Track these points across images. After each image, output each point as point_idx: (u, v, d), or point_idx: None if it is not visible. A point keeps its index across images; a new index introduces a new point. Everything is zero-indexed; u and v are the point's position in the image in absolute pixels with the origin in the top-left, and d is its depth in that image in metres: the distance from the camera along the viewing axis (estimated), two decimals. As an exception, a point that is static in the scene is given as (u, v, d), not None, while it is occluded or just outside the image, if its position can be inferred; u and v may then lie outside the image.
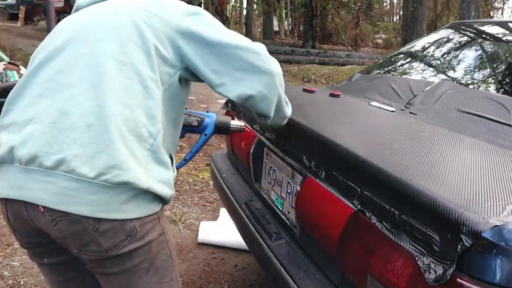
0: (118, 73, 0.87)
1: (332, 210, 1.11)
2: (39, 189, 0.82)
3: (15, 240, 2.45)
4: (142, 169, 0.85)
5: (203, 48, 0.95)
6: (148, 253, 0.91)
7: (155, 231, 0.91)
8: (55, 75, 0.90)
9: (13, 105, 0.92)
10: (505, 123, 1.27)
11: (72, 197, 0.81)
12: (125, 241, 0.86)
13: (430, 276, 0.76)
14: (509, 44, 1.89)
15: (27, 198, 0.84)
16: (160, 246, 0.94)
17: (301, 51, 13.10)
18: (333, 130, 1.26)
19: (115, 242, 0.85)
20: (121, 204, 0.83)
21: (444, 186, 0.85)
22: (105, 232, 0.83)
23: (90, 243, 0.84)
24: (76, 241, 0.85)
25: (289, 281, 1.22)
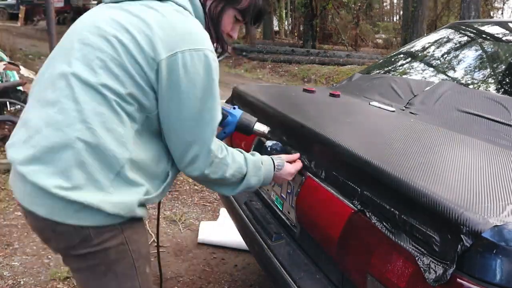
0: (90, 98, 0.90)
1: (332, 210, 1.10)
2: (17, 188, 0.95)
3: (15, 240, 2.46)
4: (99, 193, 0.90)
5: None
6: (105, 258, 0.96)
7: (115, 240, 0.96)
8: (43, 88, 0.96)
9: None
10: (505, 123, 1.27)
11: (34, 197, 0.91)
12: (80, 245, 0.93)
13: (430, 276, 0.76)
14: (509, 44, 1.89)
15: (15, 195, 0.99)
16: (120, 255, 0.98)
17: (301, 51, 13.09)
18: (333, 130, 1.26)
19: (70, 244, 0.93)
20: (76, 212, 0.89)
21: (444, 186, 0.85)
22: (61, 234, 0.92)
23: (51, 240, 0.97)
24: (41, 236, 1.00)
25: (289, 281, 1.22)
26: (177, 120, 0.96)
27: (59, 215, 0.90)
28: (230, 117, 1.29)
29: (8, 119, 3.48)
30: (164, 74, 0.92)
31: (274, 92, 2.00)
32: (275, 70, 11.67)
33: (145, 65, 0.92)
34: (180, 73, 0.92)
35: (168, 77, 0.92)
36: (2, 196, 3.02)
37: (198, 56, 0.93)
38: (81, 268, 0.99)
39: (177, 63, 0.91)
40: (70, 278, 2.14)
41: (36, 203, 0.91)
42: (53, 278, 2.14)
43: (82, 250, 0.94)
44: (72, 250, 0.95)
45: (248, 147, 1.73)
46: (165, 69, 0.92)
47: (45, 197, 0.89)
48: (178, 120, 0.96)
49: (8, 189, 3.15)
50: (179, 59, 0.91)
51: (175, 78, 0.92)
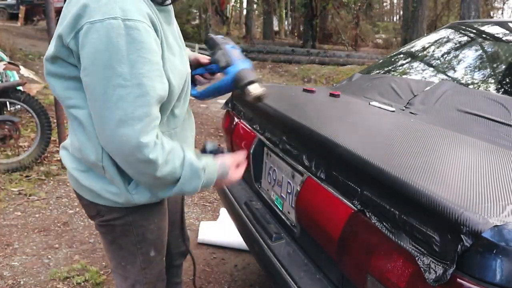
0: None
1: (332, 210, 1.10)
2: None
3: (15, 240, 2.46)
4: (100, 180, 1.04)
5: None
6: (112, 231, 1.14)
7: (121, 220, 1.11)
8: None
9: None
10: (505, 123, 1.27)
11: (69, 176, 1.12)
12: (95, 217, 1.13)
13: (430, 276, 0.76)
14: (509, 44, 1.89)
15: None
16: (124, 232, 1.13)
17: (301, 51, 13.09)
18: (333, 130, 1.26)
19: (90, 214, 1.15)
20: (90, 191, 1.07)
21: (444, 186, 0.85)
22: (85, 205, 1.14)
23: (82, 208, 1.18)
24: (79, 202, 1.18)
25: (289, 281, 1.22)
26: (89, 101, 0.91)
27: (81, 191, 1.10)
28: (231, 68, 1.19)
29: (8, 119, 3.48)
30: (77, 57, 0.89)
31: (274, 92, 2.00)
32: (275, 70, 11.67)
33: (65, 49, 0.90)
34: (80, 51, 0.86)
35: (75, 55, 0.89)
36: (2, 196, 3.02)
37: (95, 28, 0.84)
38: (100, 233, 1.19)
39: (78, 41, 0.86)
40: (70, 278, 2.14)
41: (69, 178, 1.13)
42: (53, 278, 2.14)
43: (97, 221, 1.14)
44: (92, 218, 1.16)
45: (248, 147, 1.73)
46: (75, 50, 0.88)
47: (71, 176, 1.10)
48: (90, 101, 0.90)
49: (9, 189, 3.15)
50: (79, 37, 0.86)
51: (80, 56, 0.87)
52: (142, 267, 1.19)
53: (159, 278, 1.25)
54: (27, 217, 2.78)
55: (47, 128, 3.51)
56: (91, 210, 1.13)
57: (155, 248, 1.19)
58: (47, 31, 3.41)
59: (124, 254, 1.16)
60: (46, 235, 2.56)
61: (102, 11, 0.84)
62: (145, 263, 1.19)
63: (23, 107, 3.50)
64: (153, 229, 1.16)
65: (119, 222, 1.11)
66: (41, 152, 3.53)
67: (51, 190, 3.22)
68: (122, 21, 0.84)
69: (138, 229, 1.13)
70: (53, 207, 2.94)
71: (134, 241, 1.14)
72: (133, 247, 1.15)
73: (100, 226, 1.15)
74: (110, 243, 1.17)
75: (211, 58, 1.26)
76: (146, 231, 1.14)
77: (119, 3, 0.85)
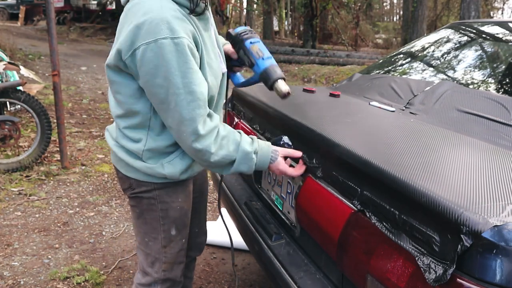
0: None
1: (332, 210, 1.10)
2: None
3: (15, 240, 2.46)
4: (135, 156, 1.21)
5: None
6: (139, 204, 1.27)
7: (148, 194, 1.25)
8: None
9: None
10: (505, 123, 1.27)
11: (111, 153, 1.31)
12: (127, 189, 1.28)
13: (430, 276, 0.76)
14: (509, 44, 1.89)
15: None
16: (150, 207, 1.26)
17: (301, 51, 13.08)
18: (333, 130, 1.26)
19: (123, 186, 1.31)
20: (125, 165, 1.23)
21: (444, 186, 0.85)
22: (120, 178, 1.30)
23: (119, 181, 1.34)
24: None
25: (289, 281, 1.22)
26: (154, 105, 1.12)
27: (118, 164, 1.27)
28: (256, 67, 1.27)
29: (8, 119, 3.48)
30: (133, 70, 1.08)
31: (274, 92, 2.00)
32: (275, 70, 11.65)
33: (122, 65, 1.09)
34: (139, 66, 1.05)
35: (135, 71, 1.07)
36: (2, 196, 3.02)
37: (150, 48, 1.02)
38: (130, 207, 1.33)
39: (136, 59, 1.04)
40: (70, 278, 2.14)
41: (112, 155, 1.31)
42: (53, 278, 2.14)
43: (128, 193, 1.29)
44: (125, 191, 1.30)
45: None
46: (131, 65, 1.07)
47: (112, 152, 1.28)
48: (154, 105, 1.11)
49: (9, 189, 3.15)
50: (137, 55, 1.04)
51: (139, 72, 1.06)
52: (162, 244, 1.29)
53: (177, 259, 1.34)
54: (27, 217, 2.78)
55: (47, 128, 3.51)
56: (124, 183, 1.28)
57: (177, 227, 1.30)
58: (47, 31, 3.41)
59: (148, 228, 1.29)
60: (46, 235, 2.56)
61: (154, 32, 1.01)
62: (165, 241, 1.29)
63: (23, 107, 3.50)
64: (176, 208, 1.28)
65: (146, 195, 1.24)
66: (41, 152, 3.53)
67: (51, 190, 3.22)
68: (171, 39, 1.02)
69: (162, 205, 1.26)
70: (53, 207, 2.94)
71: (158, 217, 1.26)
72: (156, 223, 1.27)
73: (131, 199, 1.29)
74: (137, 217, 1.30)
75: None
76: (169, 208, 1.27)
77: (166, 24, 1.02)
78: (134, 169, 1.22)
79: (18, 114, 4.57)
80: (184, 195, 1.30)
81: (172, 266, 1.33)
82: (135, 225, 1.33)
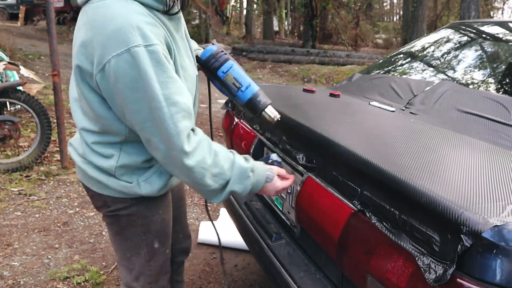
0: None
1: (332, 210, 1.10)
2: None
3: (15, 240, 2.46)
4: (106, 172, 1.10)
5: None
6: (118, 221, 1.19)
7: (126, 210, 1.16)
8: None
9: None
10: (505, 123, 1.27)
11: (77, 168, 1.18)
12: (102, 207, 1.18)
13: (430, 276, 0.76)
14: (509, 44, 1.88)
15: None
16: (129, 223, 1.18)
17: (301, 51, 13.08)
18: (333, 130, 1.26)
19: (97, 205, 1.21)
20: (97, 183, 1.13)
21: (444, 186, 0.85)
22: (92, 196, 1.20)
23: (90, 199, 1.22)
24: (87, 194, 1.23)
25: (289, 281, 1.22)
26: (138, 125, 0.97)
27: (88, 183, 1.16)
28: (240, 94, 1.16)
29: (8, 119, 3.48)
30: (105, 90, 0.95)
31: (274, 92, 2.00)
32: (275, 70, 11.67)
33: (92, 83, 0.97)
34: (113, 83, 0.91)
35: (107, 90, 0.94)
36: (2, 196, 3.02)
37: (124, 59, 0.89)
38: (106, 224, 1.24)
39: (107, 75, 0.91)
40: (70, 278, 2.14)
41: (77, 171, 1.19)
42: (52, 278, 2.14)
43: (103, 211, 1.19)
44: (99, 209, 1.21)
45: (248, 147, 1.73)
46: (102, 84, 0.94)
47: (78, 168, 1.15)
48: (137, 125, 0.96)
49: (9, 189, 3.15)
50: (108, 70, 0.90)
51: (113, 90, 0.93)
52: (146, 259, 1.22)
53: (162, 270, 1.28)
54: (27, 217, 2.78)
55: (47, 128, 3.51)
56: (97, 201, 1.19)
57: (159, 240, 1.23)
58: (47, 31, 3.41)
59: (129, 245, 1.21)
60: (46, 235, 2.56)
61: (124, 40, 0.88)
62: (149, 255, 1.22)
63: (23, 107, 3.50)
64: (157, 221, 1.20)
65: (125, 213, 1.16)
66: (41, 152, 3.53)
67: (51, 190, 3.22)
68: (145, 47, 0.89)
69: (143, 220, 1.18)
70: (53, 207, 2.94)
71: (139, 232, 1.19)
72: (137, 238, 1.20)
73: (107, 217, 1.20)
74: (115, 234, 1.22)
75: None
76: (150, 222, 1.19)
77: (138, 31, 0.89)
78: (107, 186, 1.11)
79: (18, 114, 4.56)
80: (164, 206, 1.22)
81: (158, 277, 1.27)
82: (114, 242, 1.24)
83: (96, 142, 1.07)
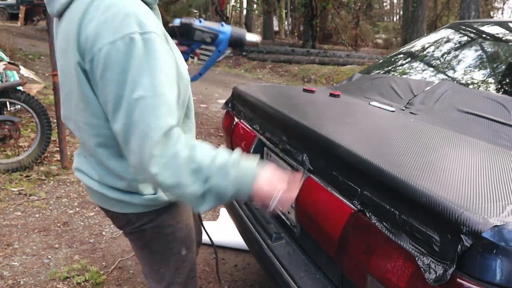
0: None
1: (332, 210, 1.10)
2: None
3: (15, 240, 2.46)
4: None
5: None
6: (142, 237, 1.15)
7: (151, 224, 1.12)
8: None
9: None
10: (505, 123, 1.27)
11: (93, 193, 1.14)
12: (126, 226, 1.14)
13: (430, 276, 0.76)
14: (509, 44, 1.88)
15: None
16: (154, 235, 1.15)
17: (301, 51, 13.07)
18: (333, 130, 1.26)
19: (120, 224, 1.17)
20: (117, 202, 1.08)
21: (444, 186, 0.85)
22: (113, 217, 1.17)
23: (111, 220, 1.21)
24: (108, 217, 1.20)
25: (289, 281, 1.22)
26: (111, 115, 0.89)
27: (108, 205, 1.11)
28: (221, 35, 1.26)
29: (8, 119, 3.48)
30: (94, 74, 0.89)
31: (274, 92, 2.00)
32: (275, 70, 11.67)
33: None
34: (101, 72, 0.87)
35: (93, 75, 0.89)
36: (2, 196, 3.02)
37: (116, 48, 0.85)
38: (130, 240, 1.21)
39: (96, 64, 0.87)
40: (70, 278, 2.14)
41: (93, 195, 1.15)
42: (52, 278, 2.14)
43: (128, 229, 1.15)
44: (123, 228, 1.17)
45: (248, 147, 1.73)
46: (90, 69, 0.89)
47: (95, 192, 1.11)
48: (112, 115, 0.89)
49: (9, 189, 3.15)
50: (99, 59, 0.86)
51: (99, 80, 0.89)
52: (175, 267, 1.20)
53: (190, 275, 1.26)
54: (27, 217, 2.78)
55: (47, 128, 3.51)
56: (120, 221, 1.15)
57: (186, 246, 1.21)
58: (47, 31, 3.41)
59: (156, 257, 1.18)
60: (46, 235, 2.56)
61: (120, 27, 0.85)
62: (177, 263, 1.20)
63: (23, 107, 3.50)
64: (182, 228, 1.18)
65: (150, 226, 1.12)
66: (41, 152, 3.53)
67: (51, 190, 3.22)
68: (140, 34, 0.86)
69: (168, 229, 1.15)
70: (53, 207, 2.94)
71: (165, 242, 1.16)
72: (164, 249, 1.17)
73: (131, 234, 1.16)
74: (141, 249, 1.19)
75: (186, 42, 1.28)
76: (176, 230, 1.17)
77: (134, 18, 0.87)
78: (130, 204, 1.07)
79: (18, 114, 4.56)
80: (186, 211, 1.19)
81: (186, 283, 1.24)
82: (140, 256, 1.22)
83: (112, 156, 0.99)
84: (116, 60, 0.85)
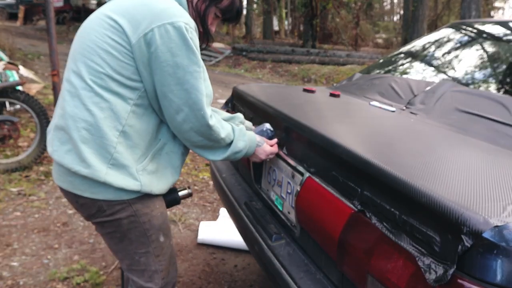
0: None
1: (332, 210, 1.10)
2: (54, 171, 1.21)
3: (14, 240, 2.45)
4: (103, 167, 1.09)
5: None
6: (119, 227, 1.18)
7: (125, 212, 1.16)
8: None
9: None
10: (506, 123, 1.26)
11: (60, 175, 1.16)
12: (96, 214, 1.16)
13: (430, 276, 0.76)
14: (509, 44, 1.88)
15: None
16: (131, 224, 1.18)
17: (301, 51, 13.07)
18: (333, 130, 1.25)
19: (90, 213, 1.18)
20: (90, 187, 1.11)
21: (444, 186, 0.85)
22: (82, 205, 1.17)
23: (78, 209, 1.21)
24: (72, 206, 1.22)
25: (289, 281, 1.22)
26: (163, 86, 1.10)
27: (79, 190, 1.13)
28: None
29: (7, 119, 3.47)
30: (144, 49, 1.07)
31: (274, 92, 2.00)
32: (275, 70, 11.67)
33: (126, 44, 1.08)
34: (159, 44, 1.06)
35: (148, 51, 1.07)
36: (1, 196, 3.02)
37: (173, 28, 1.06)
38: (104, 233, 1.23)
39: (155, 37, 1.06)
40: (69, 278, 2.14)
41: (64, 182, 1.15)
42: (52, 278, 2.14)
43: (99, 219, 1.17)
44: (93, 218, 1.18)
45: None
46: (144, 45, 1.07)
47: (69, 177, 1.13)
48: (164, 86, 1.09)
49: (8, 189, 3.15)
50: (156, 34, 1.06)
51: (154, 51, 1.06)
52: (155, 254, 1.25)
53: (170, 261, 1.31)
54: (27, 217, 2.78)
55: (47, 128, 3.50)
56: (90, 209, 1.16)
57: (164, 233, 1.26)
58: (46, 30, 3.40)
59: (135, 247, 1.22)
60: (46, 235, 2.56)
61: (168, 16, 1.07)
62: (157, 250, 1.25)
63: (23, 107, 3.49)
64: (157, 215, 1.23)
65: (124, 215, 1.16)
66: (41, 152, 3.52)
67: (51, 190, 3.21)
68: (184, 24, 1.08)
69: (144, 217, 1.19)
70: (53, 207, 2.94)
71: (143, 230, 1.21)
72: (143, 237, 1.22)
73: (103, 226, 1.20)
74: (119, 241, 1.22)
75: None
76: (151, 218, 1.21)
77: (176, 12, 1.09)
78: (101, 189, 1.11)
79: (18, 114, 4.56)
80: (159, 199, 1.25)
81: (168, 270, 1.30)
82: (118, 250, 1.24)
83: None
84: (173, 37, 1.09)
